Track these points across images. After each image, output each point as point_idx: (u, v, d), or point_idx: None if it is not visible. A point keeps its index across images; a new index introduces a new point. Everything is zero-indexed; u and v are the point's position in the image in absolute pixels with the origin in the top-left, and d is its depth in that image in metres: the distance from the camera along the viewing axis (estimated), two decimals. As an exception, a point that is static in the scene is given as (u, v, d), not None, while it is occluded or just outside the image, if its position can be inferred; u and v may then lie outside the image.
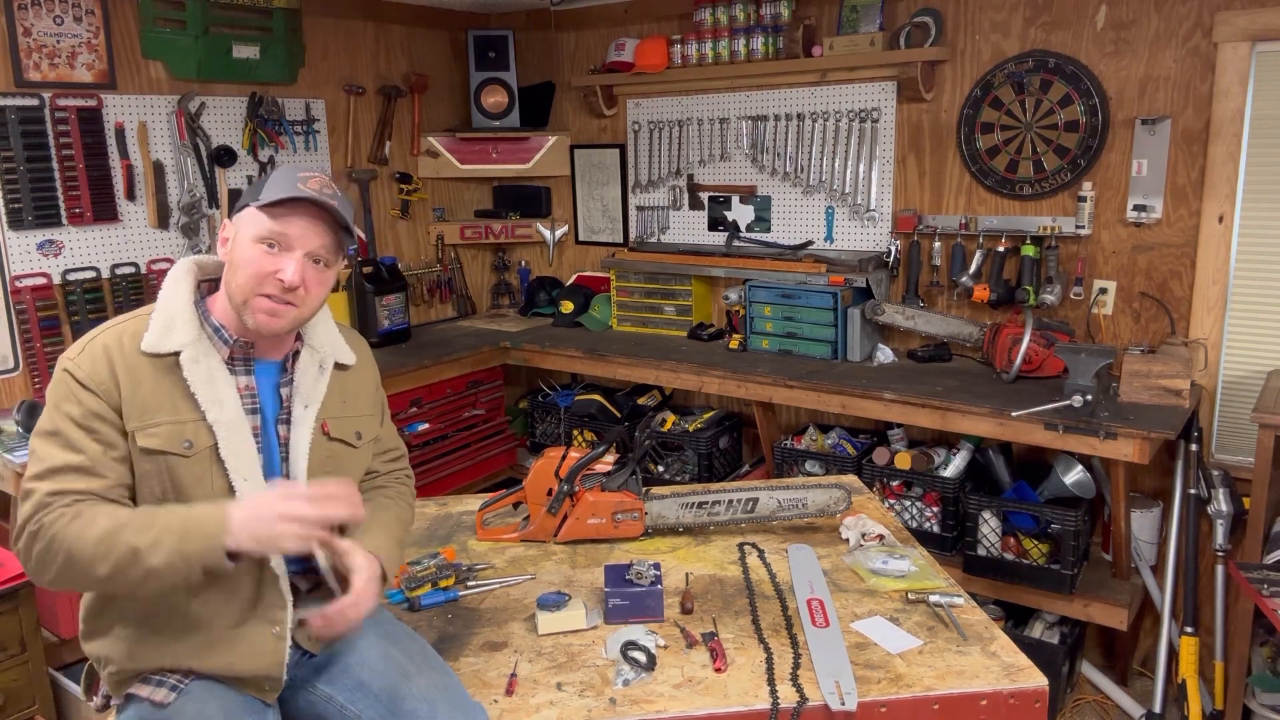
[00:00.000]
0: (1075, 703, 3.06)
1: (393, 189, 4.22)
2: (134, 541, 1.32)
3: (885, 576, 1.97)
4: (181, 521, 1.35)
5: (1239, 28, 2.79)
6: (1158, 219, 3.01)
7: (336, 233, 1.51)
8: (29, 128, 2.97)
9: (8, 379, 3.02)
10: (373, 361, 1.76)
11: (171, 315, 1.48)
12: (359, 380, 1.69)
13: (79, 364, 1.42)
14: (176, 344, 1.45)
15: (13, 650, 2.49)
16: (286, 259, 1.46)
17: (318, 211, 1.47)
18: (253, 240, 1.46)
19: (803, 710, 1.55)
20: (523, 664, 1.70)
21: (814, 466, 3.33)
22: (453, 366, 3.78)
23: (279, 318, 1.48)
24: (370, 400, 1.72)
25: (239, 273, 1.46)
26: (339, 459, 1.62)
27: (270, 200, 1.44)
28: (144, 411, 1.42)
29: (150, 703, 1.43)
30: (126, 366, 1.43)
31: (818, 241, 3.73)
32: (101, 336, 1.45)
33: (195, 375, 1.46)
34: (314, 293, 1.50)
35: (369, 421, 1.70)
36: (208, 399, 1.46)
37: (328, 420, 1.60)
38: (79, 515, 1.34)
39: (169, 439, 1.42)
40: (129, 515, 1.36)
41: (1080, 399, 2.65)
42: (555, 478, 2.18)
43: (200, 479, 1.45)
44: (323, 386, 1.60)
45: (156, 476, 1.43)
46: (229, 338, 1.51)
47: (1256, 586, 2.34)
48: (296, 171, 1.48)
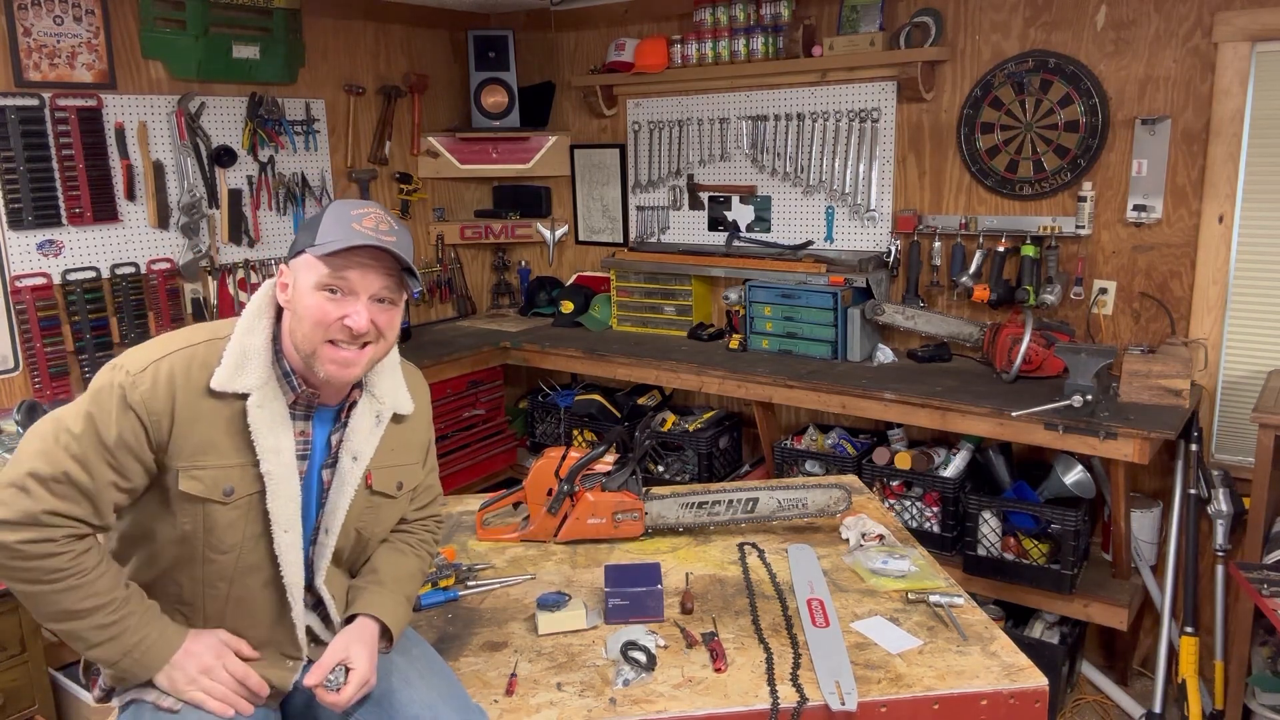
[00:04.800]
0: (1075, 703, 3.06)
1: (393, 189, 4.21)
2: (87, 634, 1.36)
3: (885, 576, 1.97)
4: (134, 643, 1.37)
5: (1239, 28, 2.79)
6: (1158, 219, 3.01)
7: (398, 273, 1.45)
8: (29, 128, 2.97)
9: (8, 379, 3.02)
10: (428, 406, 1.70)
11: (247, 352, 1.41)
12: (413, 429, 1.63)
13: (137, 384, 1.35)
14: (246, 386, 1.40)
15: (13, 650, 2.49)
16: (351, 304, 1.40)
17: (377, 253, 1.41)
18: (313, 289, 1.40)
19: (803, 710, 1.55)
20: (523, 664, 1.70)
21: (814, 466, 3.33)
22: (453, 366, 3.78)
23: (352, 366, 1.43)
24: (420, 448, 1.66)
25: (304, 322, 1.40)
26: (377, 510, 1.58)
27: (328, 250, 1.38)
28: (194, 453, 1.37)
29: (155, 708, 1.42)
30: (188, 402, 1.37)
31: (818, 241, 3.73)
32: (170, 359, 1.38)
33: (259, 421, 1.40)
34: (386, 332, 1.46)
35: (413, 471, 1.64)
36: (266, 447, 1.40)
37: (373, 472, 1.55)
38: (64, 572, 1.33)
39: (211, 486, 1.38)
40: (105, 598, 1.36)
41: (1080, 399, 2.65)
42: (555, 478, 2.18)
43: (234, 524, 1.41)
44: (376, 439, 1.54)
45: (190, 515, 1.39)
46: (297, 385, 1.46)
47: (1256, 586, 2.34)
48: (349, 210, 1.42)
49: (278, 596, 1.47)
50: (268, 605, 1.47)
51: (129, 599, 1.39)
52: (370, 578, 1.59)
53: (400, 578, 1.62)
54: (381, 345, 1.47)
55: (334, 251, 1.38)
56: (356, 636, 1.50)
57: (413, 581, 1.65)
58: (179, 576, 1.44)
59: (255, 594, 1.46)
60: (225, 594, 1.45)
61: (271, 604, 1.47)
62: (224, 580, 1.44)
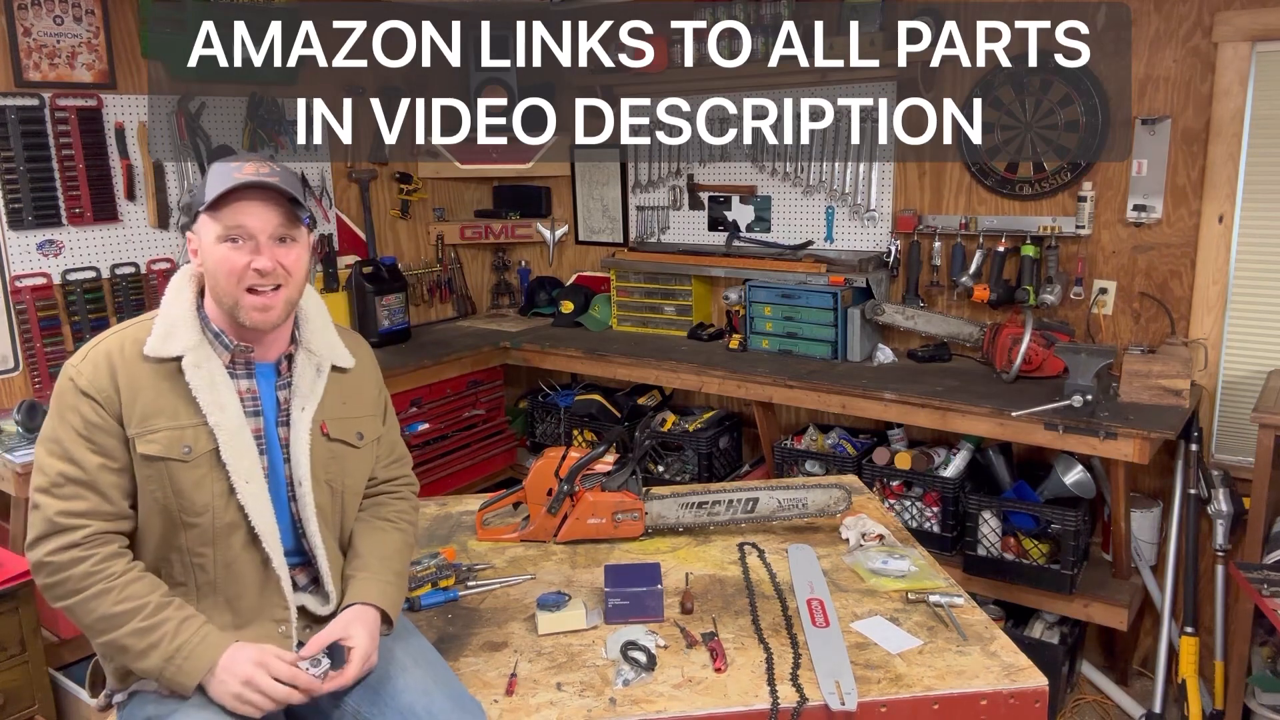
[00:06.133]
0: (1075, 703, 3.06)
1: (393, 189, 4.22)
2: (127, 641, 1.39)
3: (885, 576, 1.97)
4: (175, 648, 1.39)
5: (1239, 28, 2.79)
6: (1158, 219, 3.01)
7: (288, 207, 1.51)
8: (29, 128, 2.97)
9: (8, 379, 3.02)
10: (374, 363, 1.76)
11: (173, 321, 1.50)
12: (359, 381, 1.69)
13: (81, 371, 1.44)
14: (178, 348, 1.47)
15: (13, 650, 2.49)
16: (252, 248, 1.48)
17: (263, 193, 1.48)
18: (215, 242, 1.48)
19: (803, 710, 1.55)
20: (523, 664, 1.70)
21: (814, 466, 3.33)
22: (453, 366, 3.78)
23: (270, 309, 1.50)
24: (372, 401, 1.72)
25: (218, 279, 1.48)
26: (341, 460, 1.63)
27: (213, 199, 1.45)
28: (144, 418, 1.44)
29: (158, 696, 1.44)
30: (128, 373, 1.45)
31: (818, 241, 3.73)
32: (104, 343, 1.48)
33: (197, 379, 1.47)
34: (294, 270, 1.52)
35: (371, 422, 1.70)
36: (209, 403, 1.47)
37: (327, 421, 1.61)
38: (94, 575, 1.39)
39: (168, 445, 1.44)
40: (138, 601, 1.39)
41: (1080, 399, 2.65)
42: (555, 478, 2.18)
43: (200, 483, 1.46)
44: (320, 388, 1.60)
45: (157, 481, 1.45)
46: (229, 343, 1.53)
47: (1256, 586, 2.34)
48: (228, 166, 1.49)
49: (261, 557, 1.51)
50: (253, 566, 1.51)
51: (165, 605, 1.42)
52: (355, 564, 1.63)
53: (385, 556, 1.65)
54: (293, 284, 1.53)
55: (220, 195, 1.44)
56: (356, 617, 1.54)
57: (399, 557, 1.69)
58: (168, 554, 1.48)
59: (239, 555, 1.50)
60: (211, 560, 1.48)
61: (256, 564, 1.51)
62: (207, 545, 1.48)
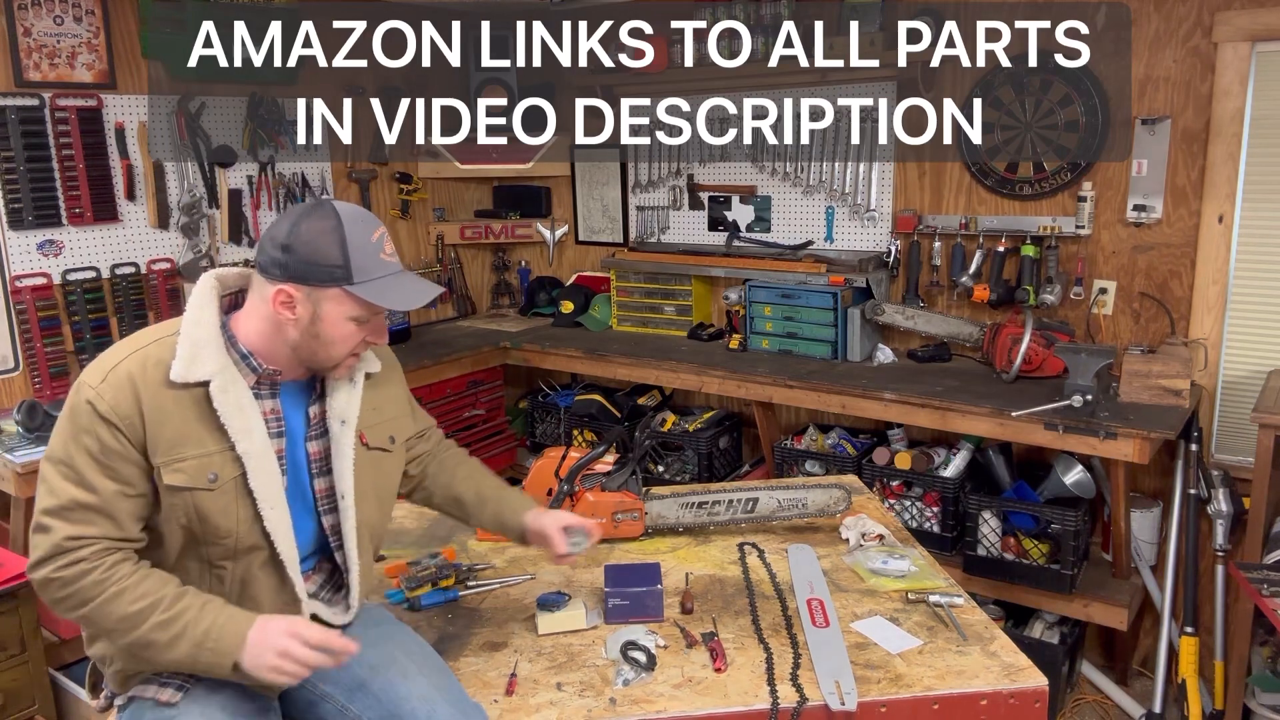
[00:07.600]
0: (1075, 703, 3.06)
1: (393, 189, 4.22)
2: (152, 635, 1.35)
3: (885, 576, 1.97)
4: (203, 632, 1.36)
5: (1239, 28, 2.79)
6: (1158, 219, 3.01)
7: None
8: (29, 128, 2.97)
9: (8, 379, 3.02)
10: (395, 360, 1.76)
11: (198, 342, 1.42)
12: (387, 383, 1.69)
13: (101, 394, 1.36)
14: (204, 373, 1.41)
15: (13, 650, 2.49)
16: (376, 324, 1.51)
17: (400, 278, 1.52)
18: (346, 318, 1.46)
19: (803, 710, 1.55)
20: (523, 664, 1.70)
21: (814, 466, 3.33)
22: (453, 366, 3.78)
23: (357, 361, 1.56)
24: (400, 402, 1.73)
25: (332, 348, 1.48)
26: (380, 465, 1.63)
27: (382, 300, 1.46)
28: (171, 446, 1.39)
29: (155, 702, 1.44)
30: (152, 398, 1.38)
31: (818, 241, 3.73)
32: (125, 363, 1.40)
33: (225, 405, 1.42)
34: None
35: (401, 423, 1.71)
36: (237, 429, 1.43)
37: (364, 431, 1.59)
38: (104, 582, 1.35)
39: (195, 475, 1.40)
40: (154, 596, 1.36)
41: (1080, 399, 2.65)
42: (555, 478, 2.18)
43: (225, 510, 1.43)
44: (356, 399, 1.59)
45: (182, 509, 1.41)
46: (257, 365, 1.48)
47: (1256, 586, 2.34)
48: (367, 234, 1.47)
49: (278, 575, 1.50)
50: (269, 584, 1.49)
51: (183, 594, 1.39)
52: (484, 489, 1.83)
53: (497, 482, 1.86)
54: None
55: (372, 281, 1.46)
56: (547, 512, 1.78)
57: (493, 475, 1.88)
58: (187, 562, 1.46)
59: (256, 575, 1.49)
60: (230, 573, 1.47)
61: (272, 583, 1.49)
62: (228, 559, 1.47)
